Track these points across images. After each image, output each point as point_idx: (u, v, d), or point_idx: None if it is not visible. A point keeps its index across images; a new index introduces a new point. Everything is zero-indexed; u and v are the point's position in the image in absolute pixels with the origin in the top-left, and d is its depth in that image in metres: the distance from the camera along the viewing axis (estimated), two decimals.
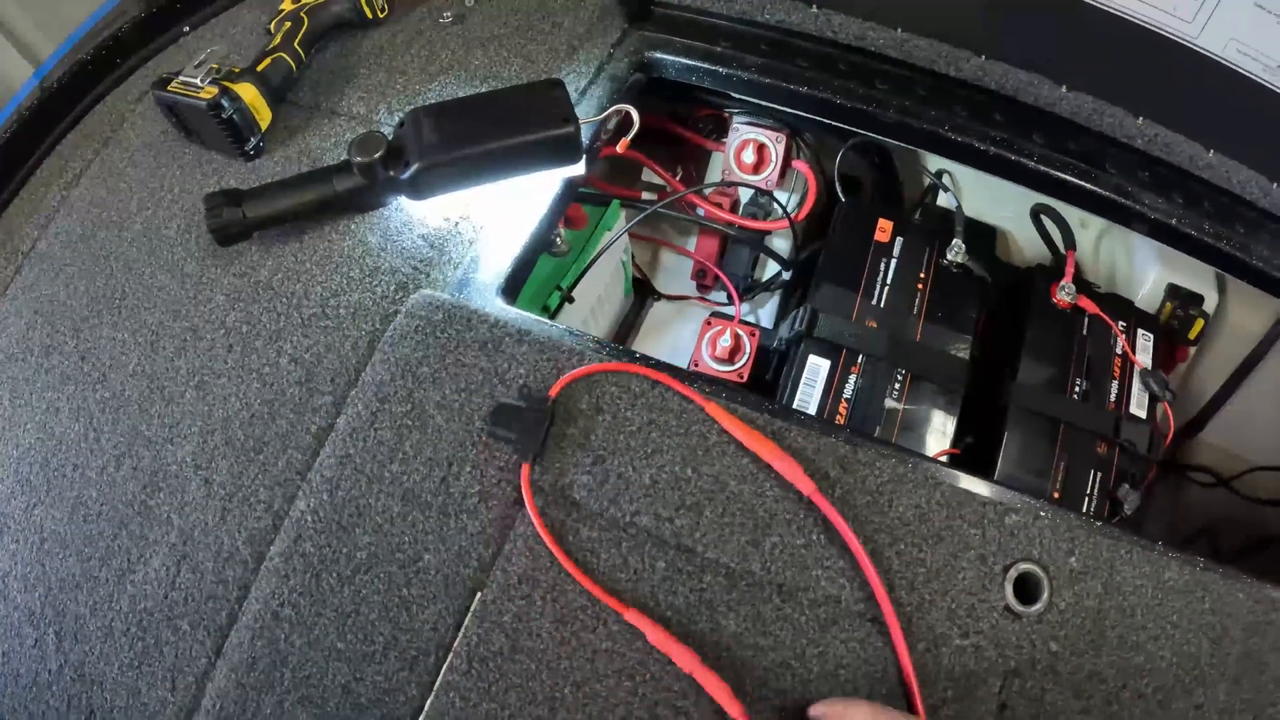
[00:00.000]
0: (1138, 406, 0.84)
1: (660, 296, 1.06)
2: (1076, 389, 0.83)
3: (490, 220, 0.74)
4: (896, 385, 0.80)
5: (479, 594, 0.60)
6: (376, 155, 0.68)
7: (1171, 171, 0.80)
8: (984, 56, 0.78)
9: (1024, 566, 0.62)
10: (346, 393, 0.67)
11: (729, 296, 0.94)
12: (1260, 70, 0.72)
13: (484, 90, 0.80)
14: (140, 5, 0.88)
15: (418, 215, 0.73)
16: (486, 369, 0.64)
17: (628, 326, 1.02)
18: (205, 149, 0.80)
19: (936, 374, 0.80)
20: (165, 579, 0.68)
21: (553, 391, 0.63)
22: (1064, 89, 0.78)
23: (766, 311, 1.04)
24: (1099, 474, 0.81)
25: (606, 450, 0.61)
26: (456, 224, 0.73)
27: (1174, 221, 0.80)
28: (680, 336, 1.03)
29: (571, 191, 0.77)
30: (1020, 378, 0.82)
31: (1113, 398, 0.83)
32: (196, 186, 0.79)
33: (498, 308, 0.69)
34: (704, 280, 1.03)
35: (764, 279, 1.00)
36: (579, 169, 0.72)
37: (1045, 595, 0.61)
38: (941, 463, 0.68)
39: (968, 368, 0.81)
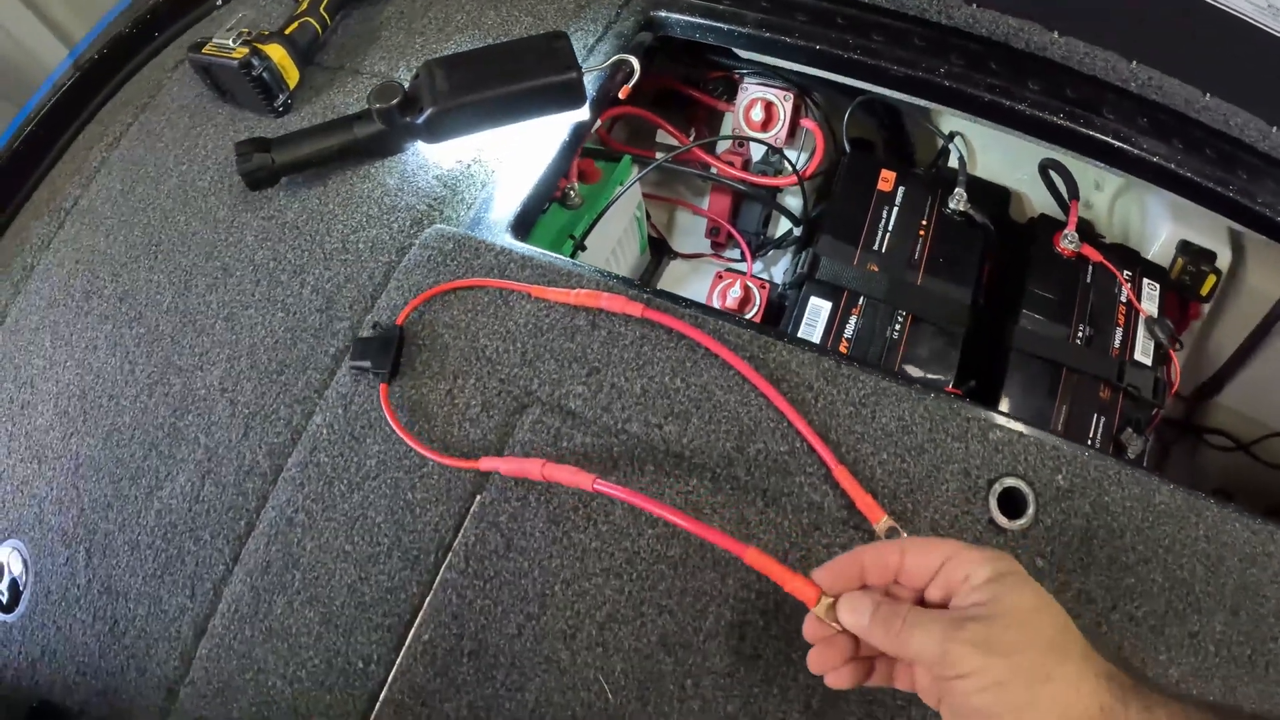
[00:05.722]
0: (1143, 354, 0.87)
1: (676, 255, 1.13)
2: (1080, 335, 0.86)
3: (502, 164, 0.81)
4: (897, 326, 0.84)
5: (479, 496, 0.66)
6: (394, 102, 0.76)
7: (1169, 116, 0.84)
8: (974, 4, 0.84)
9: (1009, 481, 0.64)
10: (363, 317, 0.74)
11: (742, 253, 1.01)
12: (1253, 11, 0.76)
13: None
14: None
15: (433, 158, 0.81)
16: (492, 293, 0.71)
17: (644, 283, 1.09)
18: (238, 109, 0.90)
19: (937, 316, 0.85)
20: (190, 493, 0.75)
21: (399, 320, 0.70)
22: (1055, 34, 0.83)
23: (779, 269, 1.10)
24: (1102, 418, 0.84)
25: (601, 362, 0.67)
26: (469, 166, 0.81)
27: (1173, 166, 0.83)
28: (694, 292, 1.09)
29: (579, 138, 0.84)
30: (1022, 322, 0.86)
31: (1117, 344, 0.87)
32: (229, 142, 0.88)
33: (507, 242, 0.76)
34: (718, 238, 1.09)
35: (776, 236, 1.05)
36: (583, 114, 0.79)
37: (1030, 511, 0.63)
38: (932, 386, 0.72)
39: (969, 310, 0.85)
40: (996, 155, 1.03)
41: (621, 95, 0.81)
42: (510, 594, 0.64)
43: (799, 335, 0.83)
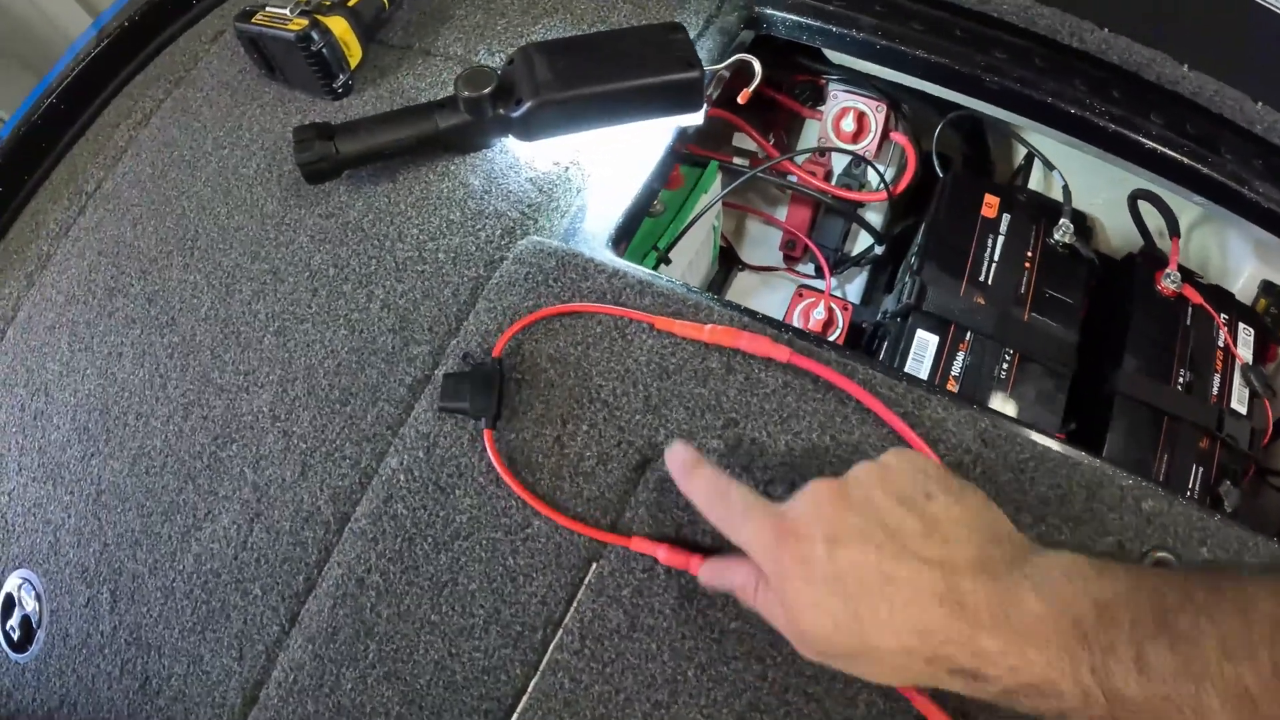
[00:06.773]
0: (1238, 402, 0.78)
1: (745, 267, 0.99)
2: (1180, 380, 0.77)
3: (598, 169, 0.67)
4: (1004, 365, 0.73)
5: (594, 565, 0.53)
6: (485, 91, 0.61)
7: None
8: (1107, 30, 0.72)
9: (1160, 554, 0.55)
10: (446, 342, 0.60)
11: (818, 269, 0.88)
12: None
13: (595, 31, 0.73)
14: None
15: (524, 157, 0.66)
16: (605, 322, 0.57)
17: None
18: (289, 87, 0.73)
19: (1044, 356, 0.74)
20: (235, 538, 0.60)
21: (496, 350, 0.57)
22: (1185, 68, 0.72)
23: (854, 287, 0.98)
24: (1201, 469, 0.75)
25: (739, 414, 0.54)
26: (566, 169, 0.66)
27: None
28: (765, 308, 0.96)
29: (683, 143, 0.70)
30: (1125, 366, 0.76)
31: (1215, 391, 0.78)
32: (278, 125, 0.72)
33: (609, 259, 0.62)
34: (792, 252, 0.96)
35: (854, 253, 0.93)
36: (698, 118, 0.66)
37: None
38: (1069, 445, 0.61)
39: (1076, 351, 0.75)
40: (1073, 179, 0.92)
41: (741, 100, 0.67)
42: (634, 679, 0.51)
43: (906, 371, 0.72)
